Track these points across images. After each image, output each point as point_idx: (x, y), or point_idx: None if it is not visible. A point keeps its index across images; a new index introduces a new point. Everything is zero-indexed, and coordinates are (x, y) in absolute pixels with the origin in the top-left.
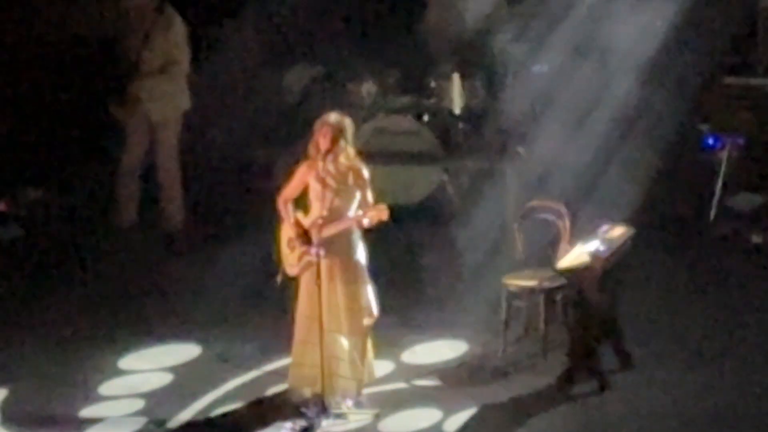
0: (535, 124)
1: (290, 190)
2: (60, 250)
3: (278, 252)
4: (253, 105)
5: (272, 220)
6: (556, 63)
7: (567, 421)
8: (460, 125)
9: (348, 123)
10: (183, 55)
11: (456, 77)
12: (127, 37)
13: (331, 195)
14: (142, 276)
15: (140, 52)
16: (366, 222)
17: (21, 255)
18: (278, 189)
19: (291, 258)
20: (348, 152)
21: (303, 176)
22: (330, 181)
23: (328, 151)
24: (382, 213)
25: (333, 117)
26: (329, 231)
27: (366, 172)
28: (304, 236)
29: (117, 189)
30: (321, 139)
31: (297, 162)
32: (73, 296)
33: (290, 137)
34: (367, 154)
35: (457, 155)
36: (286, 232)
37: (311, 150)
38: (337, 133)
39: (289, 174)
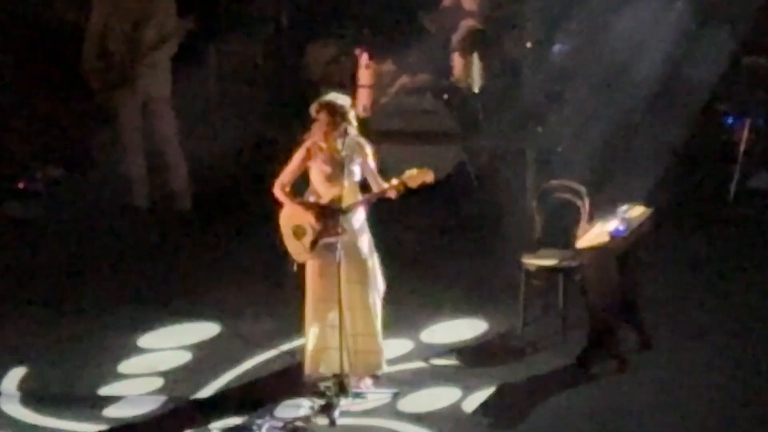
0: (554, 103)
1: (289, 175)
2: (79, 229)
3: (283, 242)
4: (273, 82)
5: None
6: (577, 42)
7: (585, 400)
8: (480, 104)
9: (347, 100)
10: (176, 31)
11: (475, 56)
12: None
13: (344, 173)
14: (161, 255)
15: (136, 31)
16: (393, 194)
17: (40, 233)
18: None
19: (298, 246)
20: (352, 126)
21: (302, 161)
22: (340, 160)
23: (333, 132)
24: (429, 175)
25: (331, 97)
26: (355, 206)
27: (369, 146)
28: (330, 214)
29: (127, 172)
30: (325, 121)
31: (293, 146)
32: (91, 275)
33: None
34: (386, 134)
35: (477, 135)
36: (290, 220)
37: (315, 133)
38: (339, 113)
39: (284, 160)
